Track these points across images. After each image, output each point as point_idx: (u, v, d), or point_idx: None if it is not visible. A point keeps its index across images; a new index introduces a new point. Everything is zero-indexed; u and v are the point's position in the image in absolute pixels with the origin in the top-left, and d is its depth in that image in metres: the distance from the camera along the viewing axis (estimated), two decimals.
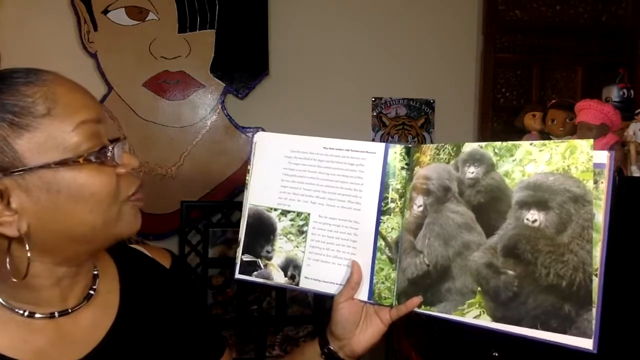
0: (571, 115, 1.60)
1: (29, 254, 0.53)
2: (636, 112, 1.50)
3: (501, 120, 2.26)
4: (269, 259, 0.77)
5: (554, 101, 1.78)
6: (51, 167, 0.52)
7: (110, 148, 0.56)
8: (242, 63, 2.12)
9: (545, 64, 2.27)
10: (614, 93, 1.70)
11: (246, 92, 2.14)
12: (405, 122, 2.27)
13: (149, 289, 0.70)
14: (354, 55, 2.21)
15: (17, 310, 0.57)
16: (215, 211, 2.06)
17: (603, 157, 0.59)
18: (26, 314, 0.57)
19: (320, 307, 1.91)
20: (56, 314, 0.59)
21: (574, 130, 1.56)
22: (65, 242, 0.56)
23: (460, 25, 2.28)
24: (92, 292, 0.63)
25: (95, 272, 0.65)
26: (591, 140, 0.60)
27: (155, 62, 2.07)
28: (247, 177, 0.80)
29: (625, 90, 1.69)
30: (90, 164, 0.55)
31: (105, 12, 2.02)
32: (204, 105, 2.13)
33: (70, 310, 0.60)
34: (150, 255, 0.75)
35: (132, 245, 0.76)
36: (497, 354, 1.41)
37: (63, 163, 0.53)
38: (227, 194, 2.14)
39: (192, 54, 2.09)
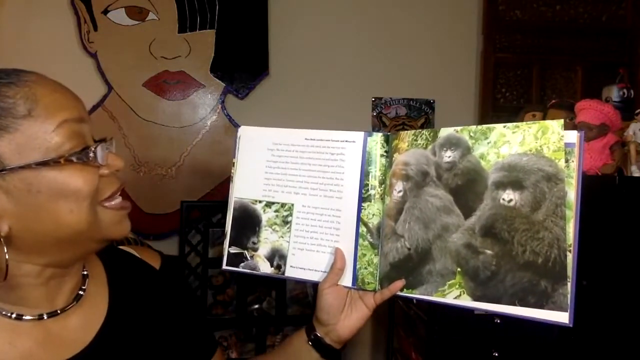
0: (571, 115, 1.60)
1: (7, 257, 0.53)
2: (636, 112, 1.49)
3: (501, 121, 2.26)
4: (255, 250, 0.79)
5: (554, 101, 1.78)
6: (32, 168, 0.52)
7: (92, 148, 0.56)
8: (242, 63, 2.12)
9: (545, 64, 2.27)
10: (614, 93, 1.69)
11: (246, 92, 2.14)
12: (405, 122, 2.27)
13: (138, 290, 0.70)
14: (354, 55, 2.22)
15: (3, 312, 0.57)
16: (215, 211, 2.05)
17: (573, 136, 0.61)
18: (13, 316, 0.57)
19: None
20: (45, 316, 0.58)
21: None
22: (50, 245, 0.56)
23: (460, 25, 2.28)
24: (81, 292, 0.63)
25: (85, 273, 0.65)
26: (561, 121, 0.62)
27: (155, 62, 2.07)
28: (232, 171, 0.83)
29: (625, 90, 1.69)
30: (72, 164, 0.54)
31: (105, 12, 2.02)
32: (204, 105, 2.13)
33: (59, 312, 0.60)
34: (139, 257, 0.74)
35: (121, 247, 0.75)
36: (497, 354, 1.41)
37: (44, 163, 0.53)
38: (227, 194, 2.14)
39: (192, 54, 2.09)
